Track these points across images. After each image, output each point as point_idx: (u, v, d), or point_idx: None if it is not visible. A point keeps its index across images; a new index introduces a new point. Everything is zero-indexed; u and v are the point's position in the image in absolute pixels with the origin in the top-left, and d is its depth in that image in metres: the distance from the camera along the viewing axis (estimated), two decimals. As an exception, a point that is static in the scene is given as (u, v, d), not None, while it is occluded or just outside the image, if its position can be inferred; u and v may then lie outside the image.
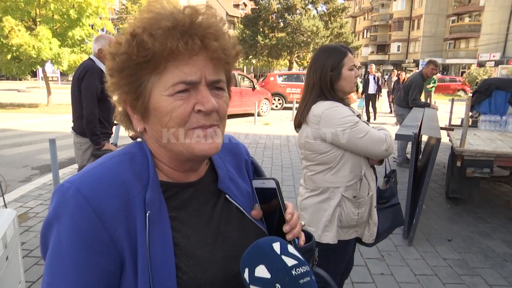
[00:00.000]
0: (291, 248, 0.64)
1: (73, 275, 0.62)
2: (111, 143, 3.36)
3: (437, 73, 6.27)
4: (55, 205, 0.65)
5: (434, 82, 12.67)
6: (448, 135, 4.80)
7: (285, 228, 0.75)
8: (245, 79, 14.75)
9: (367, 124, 1.82)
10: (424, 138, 5.43)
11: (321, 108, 1.74)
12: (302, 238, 0.79)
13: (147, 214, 0.66)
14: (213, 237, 0.74)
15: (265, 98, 13.91)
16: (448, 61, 43.55)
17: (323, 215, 1.80)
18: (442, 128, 4.51)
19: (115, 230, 0.64)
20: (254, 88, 13.25)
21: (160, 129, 0.69)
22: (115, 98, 0.74)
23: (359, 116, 1.81)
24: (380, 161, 1.88)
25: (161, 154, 0.73)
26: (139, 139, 0.78)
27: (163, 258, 0.65)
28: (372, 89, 12.16)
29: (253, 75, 33.67)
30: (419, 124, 3.98)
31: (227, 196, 0.80)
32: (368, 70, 12.94)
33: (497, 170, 4.63)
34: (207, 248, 0.71)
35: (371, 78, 12.06)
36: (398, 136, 3.32)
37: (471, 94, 5.37)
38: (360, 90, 12.08)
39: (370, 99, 12.25)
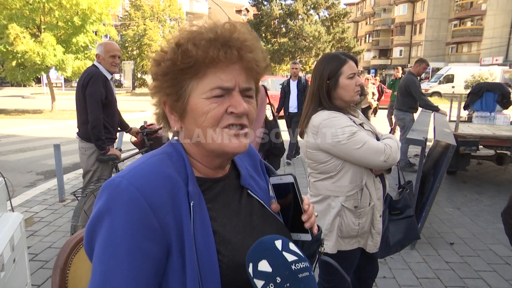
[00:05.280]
0: (292, 246, 0.69)
1: (127, 261, 0.68)
2: (116, 148, 3.41)
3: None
4: (106, 199, 0.71)
5: None
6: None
7: (304, 217, 0.85)
8: None
9: (373, 132, 1.82)
10: (428, 142, 5.52)
11: (319, 118, 1.74)
12: (315, 227, 0.89)
13: (191, 204, 0.74)
14: (243, 226, 0.82)
15: None
16: (450, 65, 43.52)
17: (323, 224, 1.79)
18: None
19: (164, 219, 0.71)
20: None
21: (194, 128, 0.77)
22: (154, 100, 0.83)
23: (361, 124, 1.79)
24: (388, 169, 1.83)
25: (194, 151, 0.82)
26: (175, 138, 0.85)
27: (205, 244, 0.73)
28: (293, 105, 6.60)
29: None
30: (428, 129, 4.10)
31: (249, 191, 0.89)
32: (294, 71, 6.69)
33: (487, 153, 6.09)
34: (240, 235, 0.80)
35: (292, 84, 6.58)
36: (409, 141, 3.39)
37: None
38: (371, 96, 9.04)
39: (292, 121, 6.62)
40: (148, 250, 0.69)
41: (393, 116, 8.58)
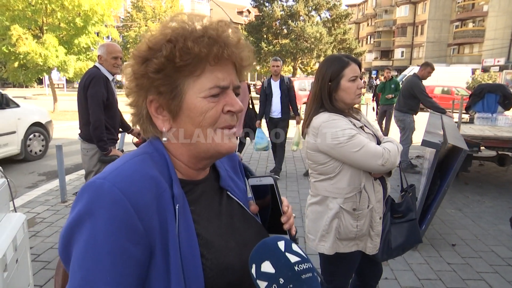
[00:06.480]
0: (295, 247, 0.68)
1: (109, 264, 0.64)
2: (117, 149, 3.41)
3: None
4: (87, 201, 0.67)
5: (396, 90, 8.13)
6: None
7: (283, 219, 0.85)
8: None
9: (374, 135, 1.82)
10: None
11: (319, 120, 1.75)
12: (293, 229, 0.88)
13: (177, 207, 0.72)
14: (225, 228, 0.81)
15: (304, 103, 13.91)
16: (452, 66, 43.45)
17: (321, 225, 1.81)
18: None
19: (148, 221, 0.68)
20: None
21: (189, 128, 0.75)
22: (131, 99, 0.79)
23: (362, 127, 1.79)
24: (388, 172, 1.83)
25: (181, 152, 0.79)
26: (164, 139, 0.81)
27: (189, 247, 0.71)
28: (276, 109, 5.75)
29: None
30: (442, 132, 4.14)
31: (229, 193, 0.88)
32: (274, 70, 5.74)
33: (488, 154, 6.10)
34: (222, 238, 0.78)
35: (274, 85, 5.70)
36: (425, 142, 3.37)
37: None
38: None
39: (278, 127, 5.81)
40: (132, 253, 0.66)
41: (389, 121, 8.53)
